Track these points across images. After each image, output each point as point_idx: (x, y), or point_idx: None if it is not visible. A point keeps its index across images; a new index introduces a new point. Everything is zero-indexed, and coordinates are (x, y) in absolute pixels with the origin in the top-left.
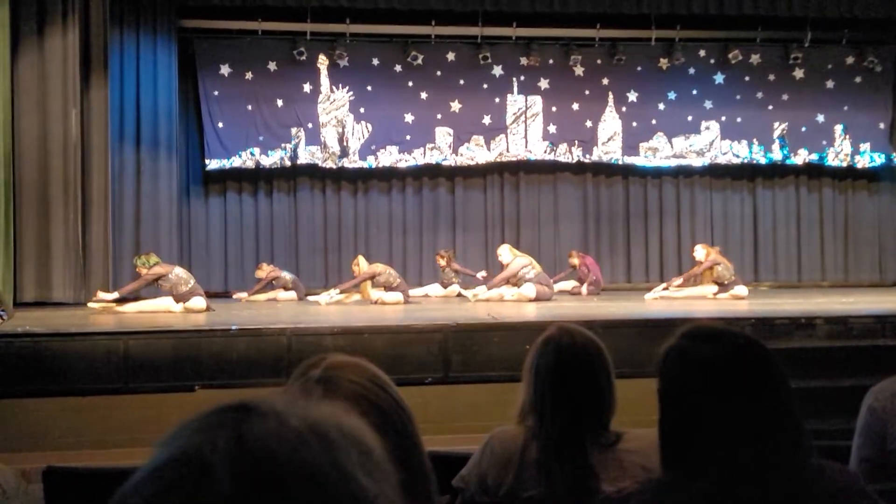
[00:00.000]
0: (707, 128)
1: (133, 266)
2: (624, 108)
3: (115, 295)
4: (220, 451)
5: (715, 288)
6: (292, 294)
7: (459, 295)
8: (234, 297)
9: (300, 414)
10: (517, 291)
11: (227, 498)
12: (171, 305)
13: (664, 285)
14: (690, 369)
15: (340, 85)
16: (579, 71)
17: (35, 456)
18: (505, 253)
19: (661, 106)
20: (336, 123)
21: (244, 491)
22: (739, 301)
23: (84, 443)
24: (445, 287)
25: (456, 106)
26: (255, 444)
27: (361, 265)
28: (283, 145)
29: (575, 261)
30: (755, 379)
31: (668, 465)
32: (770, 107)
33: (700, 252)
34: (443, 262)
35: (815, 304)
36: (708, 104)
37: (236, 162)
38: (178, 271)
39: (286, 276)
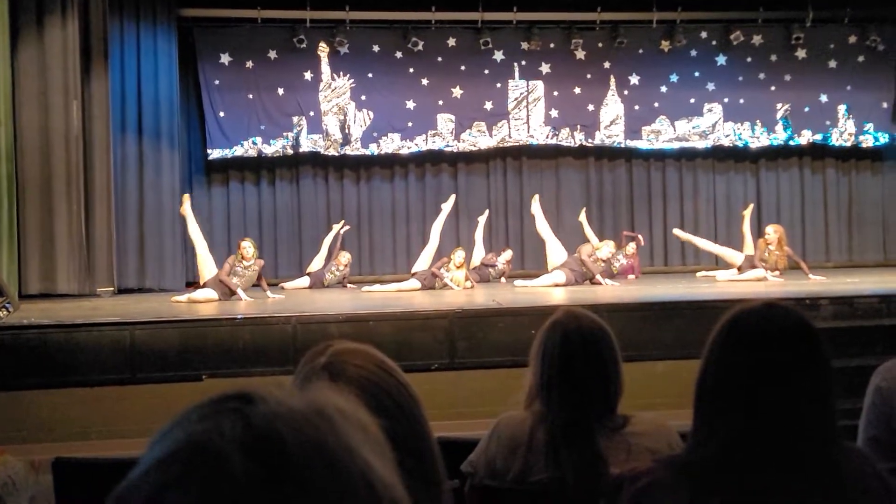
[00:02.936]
0: (710, 110)
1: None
2: (626, 92)
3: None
4: (227, 436)
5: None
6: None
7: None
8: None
9: (298, 397)
10: (549, 277)
11: (242, 481)
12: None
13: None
14: (744, 340)
15: (341, 72)
16: (581, 55)
17: (44, 447)
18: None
19: (664, 89)
20: (337, 111)
21: (258, 472)
22: (757, 283)
23: (92, 433)
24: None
25: (457, 92)
26: (262, 426)
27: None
28: (284, 134)
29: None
30: (801, 355)
31: (697, 438)
32: (773, 87)
33: (773, 234)
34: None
35: (820, 285)
36: (710, 86)
37: (238, 151)
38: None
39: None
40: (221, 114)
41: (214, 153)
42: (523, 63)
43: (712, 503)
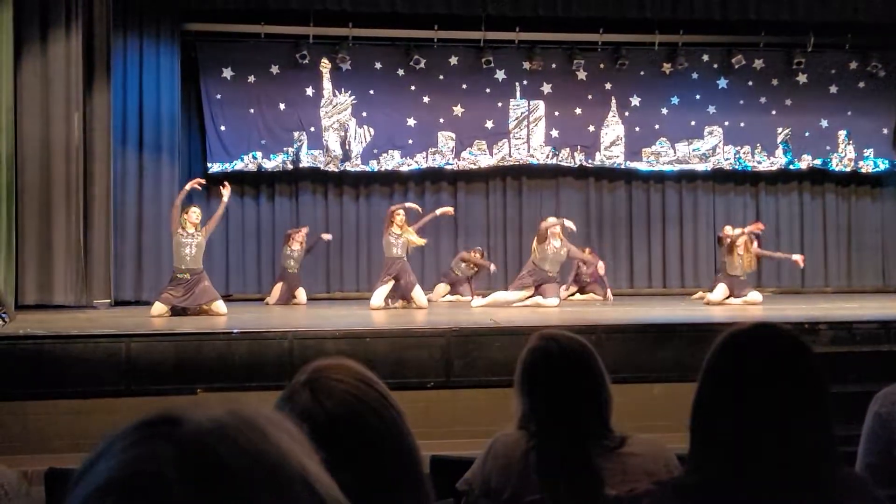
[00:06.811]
0: (710, 133)
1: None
2: (627, 113)
3: None
4: (161, 459)
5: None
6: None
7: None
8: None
9: (222, 411)
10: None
11: (185, 500)
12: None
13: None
14: (738, 361)
15: (343, 89)
16: (582, 75)
17: (37, 458)
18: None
19: (664, 111)
20: (338, 127)
21: (199, 489)
22: (753, 307)
23: (85, 445)
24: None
25: (458, 110)
26: (193, 444)
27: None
28: (285, 149)
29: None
30: (798, 379)
31: (695, 462)
32: (773, 112)
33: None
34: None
35: (819, 310)
36: (711, 109)
37: (238, 165)
38: None
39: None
40: (222, 128)
41: (215, 167)
42: (525, 83)
43: None
